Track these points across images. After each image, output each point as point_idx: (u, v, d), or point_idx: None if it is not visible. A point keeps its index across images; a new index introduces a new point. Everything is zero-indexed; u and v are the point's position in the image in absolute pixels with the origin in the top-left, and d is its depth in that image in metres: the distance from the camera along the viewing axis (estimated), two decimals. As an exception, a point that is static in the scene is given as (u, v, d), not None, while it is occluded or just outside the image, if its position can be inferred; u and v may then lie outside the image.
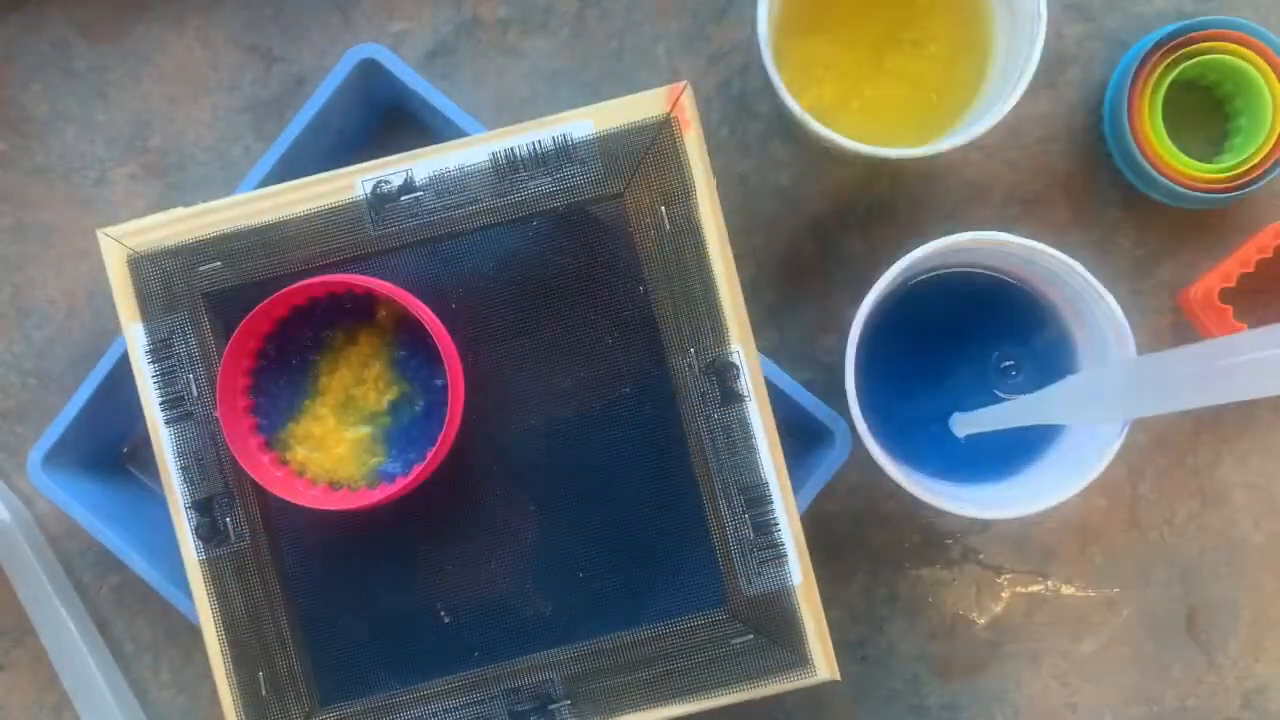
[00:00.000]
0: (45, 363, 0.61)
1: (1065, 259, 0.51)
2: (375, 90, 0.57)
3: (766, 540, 0.48)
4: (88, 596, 0.61)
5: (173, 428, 0.48)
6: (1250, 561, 0.61)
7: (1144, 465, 0.60)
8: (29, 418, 0.61)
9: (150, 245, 0.48)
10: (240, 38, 0.61)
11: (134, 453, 0.62)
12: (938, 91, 0.57)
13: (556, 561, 0.49)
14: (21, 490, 0.61)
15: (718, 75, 0.61)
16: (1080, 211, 0.60)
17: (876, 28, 0.57)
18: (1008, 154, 0.61)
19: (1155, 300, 0.60)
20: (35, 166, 0.61)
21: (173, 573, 0.55)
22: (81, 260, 0.61)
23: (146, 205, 0.61)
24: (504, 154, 0.48)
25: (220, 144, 0.61)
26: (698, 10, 0.61)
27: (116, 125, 0.61)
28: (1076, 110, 0.61)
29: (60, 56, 0.61)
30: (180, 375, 0.48)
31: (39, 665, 0.61)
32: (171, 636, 0.61)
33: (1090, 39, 0.60)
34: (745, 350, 0.48)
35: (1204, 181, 0.57)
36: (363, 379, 0.49)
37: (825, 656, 0.48)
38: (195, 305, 0.48)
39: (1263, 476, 0.61)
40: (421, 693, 0.49)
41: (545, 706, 0.49)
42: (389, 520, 0.48)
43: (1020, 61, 0.52)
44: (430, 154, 0.48)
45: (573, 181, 0.48)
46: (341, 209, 0.48)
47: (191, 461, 0.48)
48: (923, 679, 0.61)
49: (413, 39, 0.61)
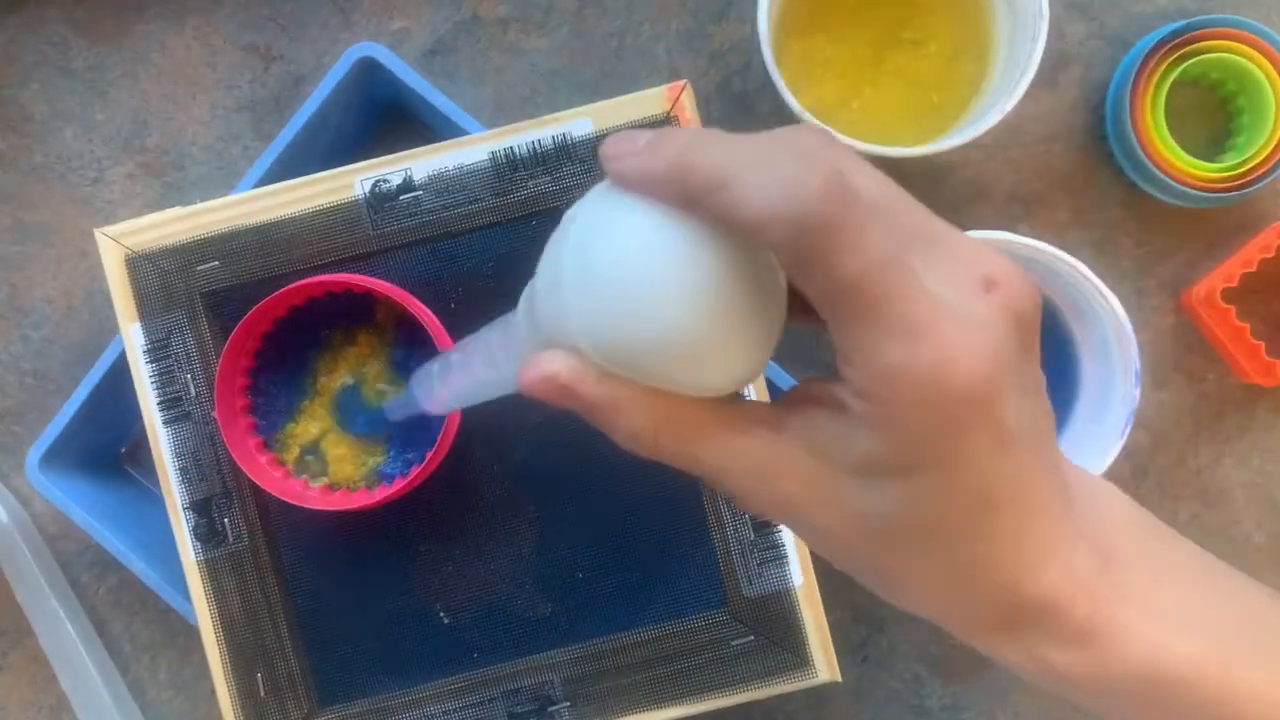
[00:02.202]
0: (43, 362, 0.61)
1: (1067, 258, 0.51)
2: (374, 89, 0.57)
3: (767, 541, 0.48)
4: (86, 597, 0.61)
5: (171, 428, 0.48)
6: (1252, 562, 0.61)
7: (1146, 465, 0.60)
8: (27, 418, 0.61)
9: (148, 245, 0.48)
10: (239, 37, 0.61)
11: (132, 453, 0.62)
12: (938, 90, 0.57)
13: (556, 562, 0.49)
14: (19, 490, 0.61)
15: (718, 74, 0.61)
16: (1082, 211, 0.60)
17: (877, 27, 0.57)
18: (1009, 153, 0.60)
19: (1157, 299, 0.60)
20: (33, 166, 0.61)
21: (171, 573, 0.55)
22: (80, 260, 0.61)
23: (145, 205, 0.61)
24: (503, 153, 0.48)
25: (219, 143, 0.61)
26: (698, 9, 0.61)
27: (115, 124, 0.61)
28: (1078, 109, 0.60)
29: (59, 56, 0.61)
30: (178, 375, 0.48)
31: (37, 666, 0.61)
32: (170, 637, 0.61)
33: (1092, 37, 0.60)
34: (746, 350, 0.48)
35: (1206, 180, 0.57)
36: (362, 379, 0.49)
37: (826, 657, 0.48)
38: (193, 305, 0.48)
39: (1263, 477, 0.61)
40: (420, 694, 0.49)
41: (545, 708, 0.48)
42: (388, 521, 0.48)
43: (1021, 60, 0.52)
44: (429, 153, 0.48)
45: (572, 181, 0.48)
46: (340, 208, 0.48)
47: (190, 462, 0.48)
48: (924, 679, 0.61)
49: (412, 38, 0.61)
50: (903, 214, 0.29)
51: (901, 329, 0.27)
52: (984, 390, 0.28)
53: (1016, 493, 0.30)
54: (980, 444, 0.28)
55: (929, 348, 0.27)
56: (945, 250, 0.29)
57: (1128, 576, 0.33)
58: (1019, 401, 0.29)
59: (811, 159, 0.27)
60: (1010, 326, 0.28)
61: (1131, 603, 0.32)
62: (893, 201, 0.29)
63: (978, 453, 0.29)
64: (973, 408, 0.28)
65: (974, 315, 0.28)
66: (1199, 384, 0.60)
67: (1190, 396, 0.60)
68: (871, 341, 0.28)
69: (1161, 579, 0.34)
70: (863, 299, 0.27)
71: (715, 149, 0.28)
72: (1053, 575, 0.31)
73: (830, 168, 0.27)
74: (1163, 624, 0.32)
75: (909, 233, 0.29)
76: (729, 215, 0.27)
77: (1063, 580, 0.31)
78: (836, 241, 0.27)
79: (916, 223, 0.29)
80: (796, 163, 0.27)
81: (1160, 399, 0.60)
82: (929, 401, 0.28)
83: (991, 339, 0.28)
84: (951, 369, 0.27)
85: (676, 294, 0.28)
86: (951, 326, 0.27)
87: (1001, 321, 0.28)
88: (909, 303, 0.27)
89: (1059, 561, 0.31)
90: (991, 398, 0.28)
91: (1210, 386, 0.60)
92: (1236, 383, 0.60)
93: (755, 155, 0.28)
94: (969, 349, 0.27)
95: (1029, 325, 0.29)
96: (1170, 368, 0.60)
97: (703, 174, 0.28)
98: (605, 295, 0.29)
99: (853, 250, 0.27)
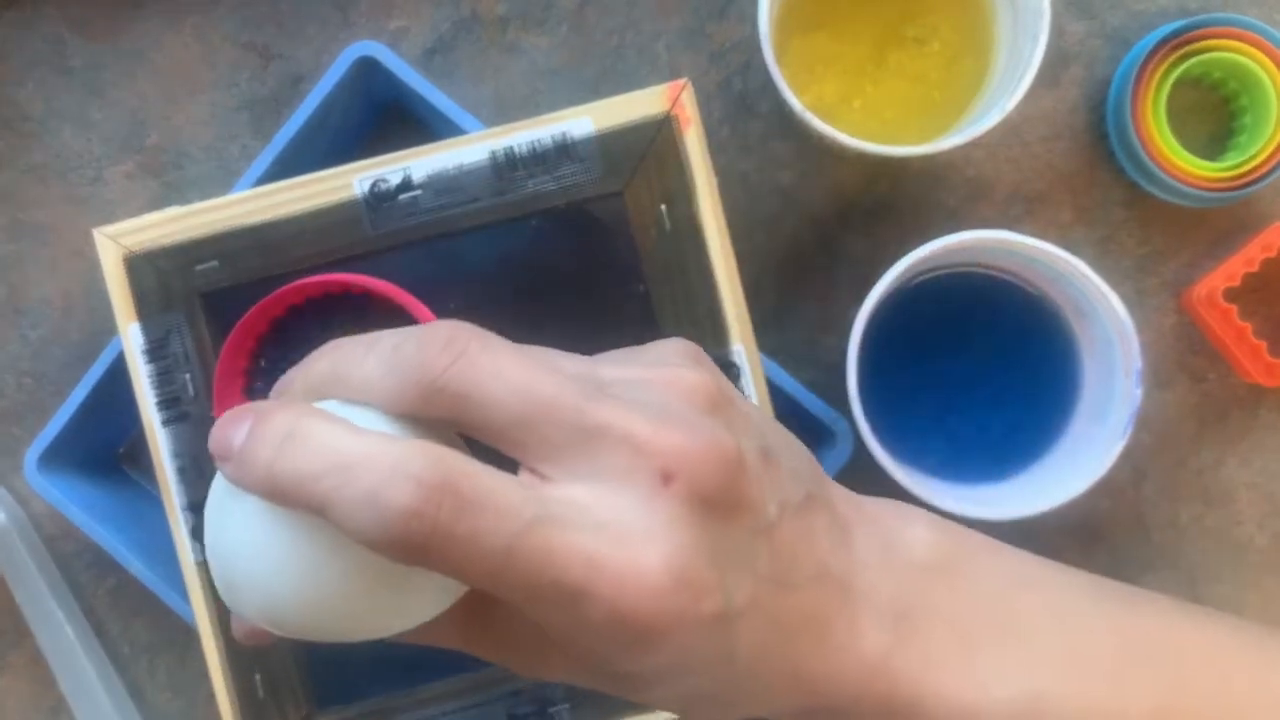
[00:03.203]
0: (41, 363, 0.61)
1: (1068, 258, 0.51)
2: (373, 88, 0.57)
3: (768, 542, 0.48)
4: (84, 598, 0.61)
5: (169, 428, 0.48)
6: (1254, 563, 0.60)
7: (1147, 466, 0.60)
8: (25, 418, 0.61)
9: (146, 244, 0.48)
10: (237, 35, 0.61)
11: (131, 453, 0.62)
12: (940, 89, 0.57)
13: (556, 563, 0.49)
14: (17, 491, 0.61)
15: (718, 73, 0.60)
16: (1083, 210, 0.60)
17: (878, 25, 0.57)
18: (1010, 152, 0.60)
19: (1158, 299, 0.60)
20: (30, 165, 0.61)
21: (170, 574, 0.55)
22: (77, 259, 0.61)
23: (143, 204, 0.61)
24: (503, 152, 0.48)
25: (217, 142, 0.61)
26: (698, 7, 0.60)
27: (113, 123, 0.61)
28: (1079, 108, 0.60)
29: (56, 54, 0.61)
30: (177, 375, 0.48)
31: (35, 667, 0.61)
32: (168, 639, 0.61)
33: (1093, 36, 0.60)
34: (746, 350, 0.48)
35: (1208, 180, 0.56)
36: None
37: (827, 659, 0.48)
38: (192, 305, 0.48)
39: (1266, 477, 0.60)
40: (420, 696, 0.48)
41: (545, 710, 0.48)
42: (387, 522, 0.48)
43: (1023, 59, 0.52)
44: (428, 152, 0.48)
45: (572, 180, 0.47)
46: (339, 208, 0.48)
47: (188, 462, 0.48)
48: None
49: (411, 36, 0.61)
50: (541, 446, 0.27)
51: (565, 594, 0.26)
52: (672, 606, 0.27)
53: (770, 637, 0.29)
54: (699, 643, 0.28)
55: (598, 601, 0.26)
56: (608, 451, 0.27)
57: (927, 638, 0.32)
58: (726, 577, 0.28)
59: (406, 457, 0.26)
60: (694, 513, 0.27)
61: (935, 666, 0.31)
62: (521, 440, 0.27)
63: (701, 650, 0.28)
64: (669, 623, 0.27)
65: (645, 529, 0.27)
66: (1201, 384, 0.60)
67: (1192, 397, 0.60)
68: (544, 614, 0.27)
69: (962, 629, 0.32)
70: (508, 584, 0.26)
71: (304, 457, 0.27)
72: (840, 673, 0.30)
73: (422, 464, 0.26)
74: (968, 681, 0.32)
75: (558, 467, 0.27)
76: (346, 530, 0.26)
77: (852, 671, 0.30)
78: (447, 552, 0.26)
79: (567, 441, 0.27)
80: (382, 472, 0.26)
81: (1162, 399, 0.60)
82: (623, 644, 0.27)
83: (663, 551, 0.27)
84: (630, 607, 0.26)
85: (286, 580, 0.29)
86: (617, 562, 0.26)
87: (681, 516, 0.27)
88: (559, 565, 0.26)
89: (843, 657, 0.30)
90: (683, 608, 0.27)
91: (1212, 387, 0.60)
92: (1239, 383, 0.60)
93: (344, 460, 0.26)
94: (641, 578, 0.26)
95: (720, 490, 0.28)
96: (1172, 368, 0.60)
97: (295, 492, 0.27)
98: (230, 574, 0.30)
99: (469, 552, 0.26)
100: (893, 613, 0.31)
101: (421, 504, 0.25)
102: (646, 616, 0.26)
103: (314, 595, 0.29)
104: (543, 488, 0.27)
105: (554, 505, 0.27)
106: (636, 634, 0.27)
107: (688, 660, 0.28)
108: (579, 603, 0.26)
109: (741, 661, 0.29)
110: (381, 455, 0.26)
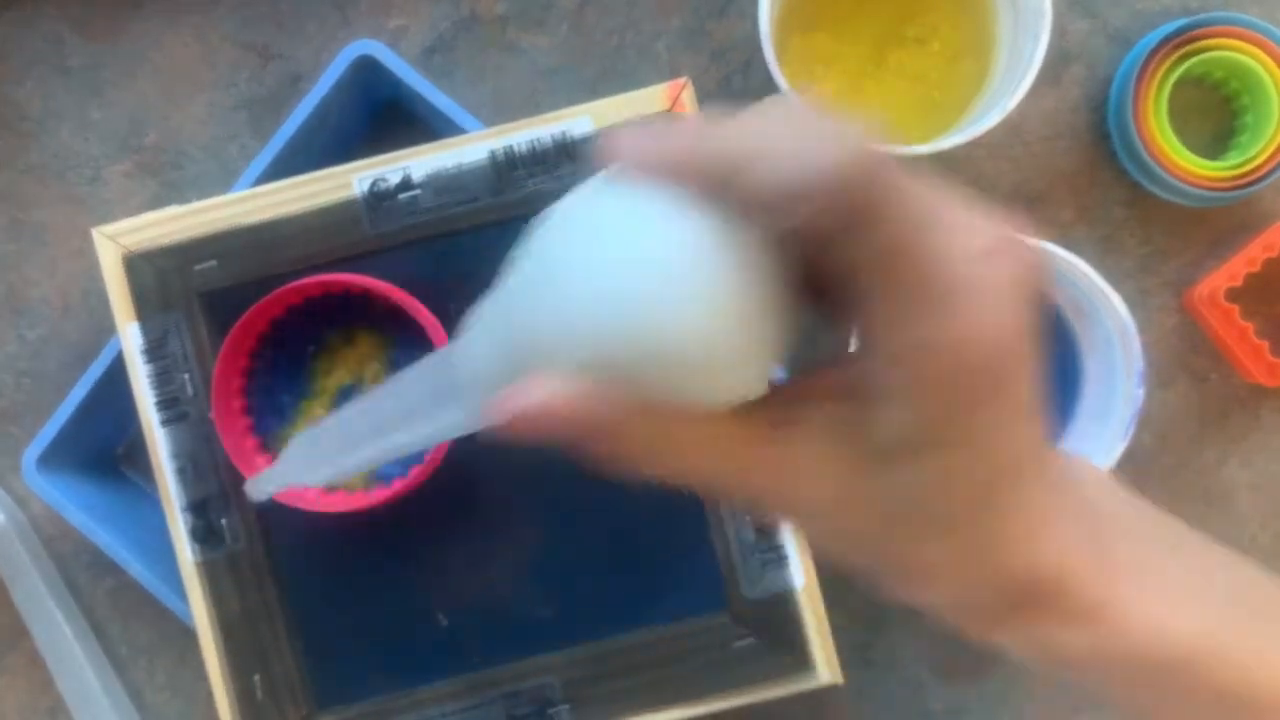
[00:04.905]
0: (40, 363, 0.61)
1: (1070, 257, 0.51)
2: (373, 87, 0.56)
3: (768, 543, 0.48)
4: (83, 599, 0.61)
5: (168, 429, 0.48)
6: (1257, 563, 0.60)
7: (1149, 467, 0.60)
8: (23, 418, 0.61)
9: (145, 244, 0.48)
10: (236, 35, 0.61)
11: (129, 454, 0.61)
12: (940, 89, 0.57)
13: (556, 564, 0.49)
14: (16, 492, 0.61)
15: (719, 72, 0.60)
16: (1085, 210, 0.60)
17: (879, 24, 0.57)
18: (1011, 152, 0.60)
19: (1160, 299, 0.60)
20: (30, 165, 0.61)
21: (168, 575, 0.54)
22: (76, 259, 0.61)
23: (142, 203, 0.61)
24: (503, 152, 0.47)
25: (216, 142, 0.61)
26: (698, 6, 0.60)
27: (111, 123, 0.61)
28: (1081, 108, 0.60)
29: (55, 54, 0.61)
30: (176, 375, 0.48)
31: (34, 669, 0.60)
32: (167, 639, 0.61)
33: (1094, 35, 0.60)
34: (747, 350, 0.47)
35: (1210, 179, 0.56)
36: (360, 380, 0.48)
37: (828, 660, 0.48)
38: (191, 304, 0.48)
39: (1267, 477, 0.60)
40: (419, 697, 0.48)
41: (544, 710, 0.48)
42: (387, 522, 0.48)
43: (1024, 58, 0.52)
44: (428, 152, 0.48)
45: (572, 179, 0.47)
46: (338, 207, 0.48)
47: (187, 463, 0.48)
48: (926, 682, 0.60)
49: (411, 35, 0.60)
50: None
51: (937, 297, 0.26)
52: (1009, 362, 0.27)
53: (1029, 465, 0.30)
54: (1003, 416, 0.28)
55: (963, 317, 0.27)
56: (947, 215, 0.28)
57: (1122, 551, 0.32)
58: (1033, 371, 0.29)
59: (829, 121, 0.26)
60: (1022, 293, 0.28)
61: (1127, 578, 0.32)
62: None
63: (1000, 425, 0.28)
64: (999, 379, 0.28)
65: (992, 284, 0.27)
66: (1202, 384, 0.60)
67: (1194, 397, 0.60)
68: (904, 311, 0.27)
69: (1153, 553, 0.33)
70: (902, 264, 0.26)
71: (729, 127, 0.26)
72: (1059, 551, 0.30)
73: (851, 126, 0.26)
74: (1161, 598, 0.32)
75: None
76: (758, 194, 0.25)
77: (1067, 556, 0.30)
78: (880, 200, 0.25)
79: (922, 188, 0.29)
80: (821, 126, 0.26)
81: (1164, 399, 0.60)
82: (959, 370, 0.27)
83: (1010, 309, 0.27)
84: (980, 340, 0.27)
85: (699, 294, 0.25)
86: (979, 296, 0.27)
87: (1015, 289, 0.28)
88: (942, 270, 0.27)
89: (1063, 537, 0.30)
90: (1014, 370, 0.28)
91: (1214, 387, 0.60)
92: (1241, 383, 0.60)
93: (772, 127, 0.26)
94: (996, 320, 0.27)
95: (1034, 290, 0.29)
96: (1174, 368, 0.60)
97: (726, 154, 0.26)
98: (615, 299, 0.25)
99: (896, 210, 0.26)
100: (1092, 520, 0.32)
101: (868, 147, 0.25)
102: (992, 356, 0.27)
103: (701, 315, 0.25)
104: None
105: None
106: (975, 368, 0.27)
107: (982, 440, 0.28)
108: (951, 311, 0.26)
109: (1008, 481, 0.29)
110: (809, 120, 0.26)
